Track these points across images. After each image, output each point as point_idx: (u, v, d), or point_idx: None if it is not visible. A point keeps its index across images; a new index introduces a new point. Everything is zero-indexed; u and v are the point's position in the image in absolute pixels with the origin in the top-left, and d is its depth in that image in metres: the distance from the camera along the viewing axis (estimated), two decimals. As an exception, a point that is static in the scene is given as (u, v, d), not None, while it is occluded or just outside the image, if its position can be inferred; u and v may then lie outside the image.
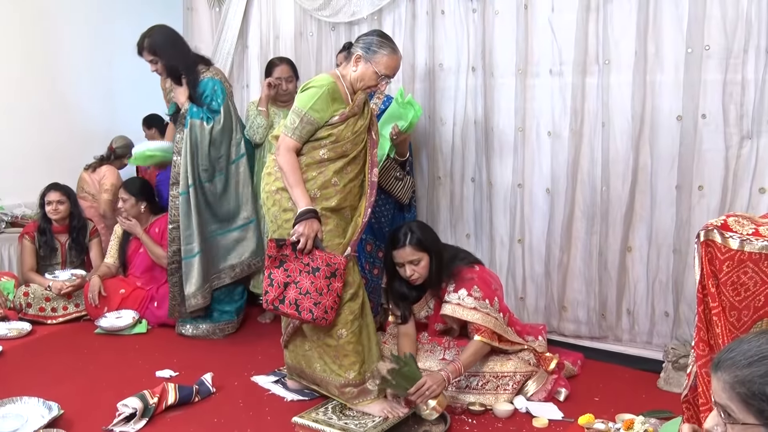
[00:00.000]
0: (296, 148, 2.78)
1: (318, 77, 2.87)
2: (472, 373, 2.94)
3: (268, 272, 2.75)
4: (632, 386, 3.14)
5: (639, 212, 3.36)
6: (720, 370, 1.32)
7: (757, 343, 1.30)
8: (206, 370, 3.12)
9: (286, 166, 2.75)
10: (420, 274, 2.98)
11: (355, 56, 2.82)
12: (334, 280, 2.73)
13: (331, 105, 2.78)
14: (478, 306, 2.89)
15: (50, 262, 4.33)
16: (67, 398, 2.85)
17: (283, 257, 2.74)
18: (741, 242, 1.99)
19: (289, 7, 4.48)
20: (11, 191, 4.83)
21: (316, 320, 2.71)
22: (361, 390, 2.81)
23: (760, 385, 1.24)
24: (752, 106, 2.98)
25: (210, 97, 3.69)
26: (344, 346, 2.81)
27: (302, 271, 2.72)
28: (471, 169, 3.88)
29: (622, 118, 3.31)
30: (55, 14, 5.15)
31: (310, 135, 2.78)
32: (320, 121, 2.76)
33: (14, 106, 4.92)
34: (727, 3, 2.98)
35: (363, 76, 2.83)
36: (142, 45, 3.68)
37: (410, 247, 2.94)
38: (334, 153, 2.80)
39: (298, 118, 2.75)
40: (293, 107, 2.80)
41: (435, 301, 3.10)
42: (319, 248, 2.74)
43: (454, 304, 2.92)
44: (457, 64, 3.82)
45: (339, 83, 2.83)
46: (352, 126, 2.83)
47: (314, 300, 2.70)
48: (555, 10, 3.43)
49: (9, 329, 3.76)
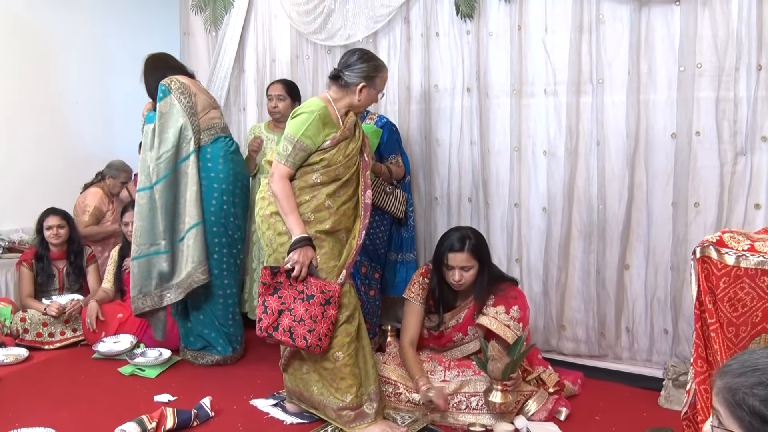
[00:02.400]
0: (290, 175, 2.79)
1: (308, 102, 2.90)
2: (472, 393, 2.94)
3: (262, 299, 2.76)
4: (633, 404, 3.13)
5: (636, 230, 3.37)
6: (717, 376, 1.34)
7: (757, 356, 1.31)
8: (205, 394, 3.10)
9: (281, 194, 2.77)
10: (467, 281, 3.04)
11: (360, 87, 2.86)
12: (329, 308, 2.73)
13: (323, 130, 2.80)
14: (511, 325, 2.99)
15: (48, 288, 4.30)
16: (65, 424, 2.84)
17: (278, 284, 2.75)
18: (737, 258, 2.00)
19: (285, 31, 4.52)
20: (8, 216, 4.83)
21: (310, 347, 2.71)
22: (358, 413, 2.79)
23: (743, 395, 1.25)
24: (745, 123, 3.01)
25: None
26: (341, 369, 2.79)
27: (296, 298, 2.73)
28: (468, 189, 3.89)
29: (616, 136, 3.34)
30: (53, 39, 5.19)
31: (303, 161, 2.80)
32: (312, 146, 2.78)
33: (11, 130, 4.93)
34: (717, 22, 3.02)
35: (368, 101, 2.93)
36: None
37: (467, 254, 3.01)
38: (326, 177, 2.81)
39: (291, 145, 2.77)
40: (285, 134, 2.82)
41: (466, 312, 3.14)
42: (313, 275, 2.75)
43: (491, 317, 3.01)
44: (453, 85, 3.85)
45: (330, 107, 2.85)
46: (343, 149, 2.84)
47: (308, 327, 2.70)
48: (548, 31, 3.47)
49: (6, 355, 3.74)
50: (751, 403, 1.24)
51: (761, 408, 1.22)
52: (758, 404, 1.23)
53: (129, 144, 5.29)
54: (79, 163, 5.23)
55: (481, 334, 3.12)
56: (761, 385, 1.24)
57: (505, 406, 2.80)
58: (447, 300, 3.17)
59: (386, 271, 3.88)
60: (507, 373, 2.78)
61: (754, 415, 1.23)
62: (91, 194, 4.80)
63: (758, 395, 1.23)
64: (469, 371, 3.04)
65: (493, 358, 2.80)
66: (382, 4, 3.95)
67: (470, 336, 3.17)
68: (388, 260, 3.89)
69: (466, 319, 3.16)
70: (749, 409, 1.24)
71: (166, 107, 3.61)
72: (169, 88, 3.62)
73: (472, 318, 3.14)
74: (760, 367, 1.27)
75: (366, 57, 2.92)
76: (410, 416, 2.89)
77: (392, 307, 4.23)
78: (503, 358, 2.80)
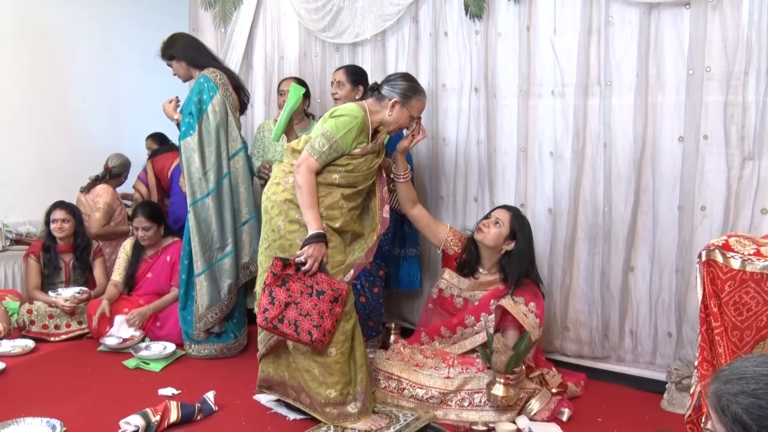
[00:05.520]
0: (317, 170, 2.81)
1: (350, 107, 2.91)
2: (475, 390, 2.95)
3: (269, 290, 2.75)
4: (635, 407, 3.14)
5: (641, 233, 3.37)
6: (710, 381, 1.36)
7: (748, 363, 1.32)
8: (209, 388, 3.12)
9: (306, 186, 2.77)
10: (489, 235, 3.19)
11: (392, 102, 2.89)
12: (336, 305, 2.75)
13: (359, 137, 2.84)
14: (529, 316, 3.08)
15: (54, 281, 4.32)
16: (69, 416, 2.85)
17: (287, 276, 2.75)
18: (743, 262, 2.01)
19: (293, 29, 4.53)
20: (16, 209, 4.86)
21: (314, 342, 2.72)
22: (341, 412, 2.80)
23: (727, 401, 1.27)
24: (753, 128, 3.00)
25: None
26: (331, 365, 2.80)
27: (304, 292, 2.74)
28: (474, 189, 3.89)
29: (624, 139, 3.34)
30: (61, 34, 5.21)
31: (332, 161, 2.82)
32: (345, 150, 2.82)
33: (19, 124, 4.96)
34: (727, 25, 3.01)
35: (398, 120, 2.94)
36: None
37: (509, 213, 3.20)
38: (345, 181, 2.85)
39: (328, 143, 2.79)
40: (324, 130, 2.82)
41: (485, 294, 3.21)
42: (323, 272, 2.76)
43: (512, 302, 3.09)
44: (460, 85, 3.85)
45: (366, 117, 2.88)
46: (368, 162, 2.90)
47: (315, 322, 2.71)
48: (557, 32, 3.47)
49: (12, 346, 3.76)
50: (734, 410, 1.25)
51: (743, 416, 1.24)
52: (740, 412, 1.24)
53: (136, 137, 5.32)
54: (87, 157, 5.25)
55: (491, 324, 3.13)
56: (744, 393, 1.25)
57: (506, 399, 2.82)
58: (472, 256, 3.28)
59: (389, 266, 3.90)
60: (510, 366, 2.80)
61: (736, 423, 1.25)
62: (104, 191, 4.80)
63: (741, 403, 1.25)
64: (473, 368, 3.06)
65: (498, 350, 2.81)
66: (391, 3, 3.95)
67: (481, 323, 3.18)
68: (392, 255, 3.90)
69: (483, 302, 3.19)
70: (732, 416, 1.25)
71: (218, 105, 3.71)
72: (215, 84, 3.70)
73: (488, 303, 3.17)
74: (746, 375, 1.28)
75: (408, 78, 3.02)
76: (413, 413, 2.90)
77: (395, 304, 4.24)
78: (507, 352, 2.81)
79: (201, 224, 3.67)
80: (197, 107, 3.66)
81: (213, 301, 3.71)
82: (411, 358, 3.20)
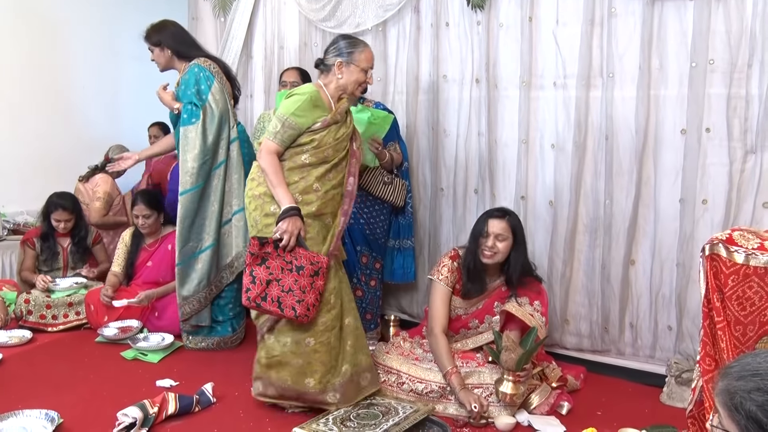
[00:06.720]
0: (277, 152, 2.85)
1: (301, 87, 3.00)
2: (476, 384, 2.94)
3: (250, 269, 2.78)
4: (635, 400, 3.13)
5: (642, 226, 3.35)
6: (719, 376, 1.34)
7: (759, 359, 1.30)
8: (207, 380, 3.11)
9: (269, 168, 2.82)
10: (500, 252, 3.08)
11: (336, 63, 2.91)
12: (317, 279, 2.78)
13: (313, 111, 2.86)
14: (535, 315, 3.05)
15: (52, 267, 4.34)
16: (66, 407, 2.84)
17: (266, 255, 2.77)
18: (746, 256, 1.99)
19: (293, 18, 4.50)
20: (14, 199, 4.84)
21: (299, 317, 2.75)
22: (320, 401, 2.85)
23: (741, 399, 1.26)
24: (756, 121, 2.98)
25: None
26: (310, 354, 2.84)
27: (284, 268, 2.76)
28: (474, 181, 3.88)
29: (625, 131, 3.32)
30: (60, 24, 5.18)
31: (292, 140, 2.86)
32: (302, 126, 2.84)
33: (18, 114, 4.93)
34: (731, 17, 2.99)
35: (351, 79, 2.93)
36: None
37: (507, 223, 3.10)
38: (315, 158, 2.86)
39: (280, 123, 2.84)
40: (276, 113, 2.89)
41: (487, 300, 3.17)
42: (302, 246, 2.77)
43: (517, 304, 3.07)
44: (461, 76, 3.83)
45: (322, 92, 2.92)
46: (334, 132, 2.90)
47: (297, 297, 2.74)
48: (559, 24, 3.44)
49: (9, 337, 3.75)
50: (748, 407, 1.24)
51: (758, 413, 1.23)
52: (755, 409, 1.23)
53: (135, 127, 5.30)
54: (85, 147, 5.24)
55: (496, 325, 3.13)
56: (759, 390, 1.24)
57: (516, 397, 2.82)
58: (478, 278, 3.16)
59: (384, 258, 3.89)
60: (521, 363, 2.79)
61: (750, 420, 1.24)
62: (103, 181, 4.80)
63: (756, 400, 1.23)
64: (473, 363, 3.06)
65: (507, 348, 2.81)
66: (392, -7, 3.92)
67: (485, 325, 3.18)
68: (386, 247, 3.89)
69: (486, 306, 3.19)
70: (746, 414, 1.24)
71: (218, 93, 3.66)
72: (211, 72, 3.67)
73: (492, 306, 3.17)
74: (760, 372, 1.27)
75: (343, 36, 3.04)
76: (411, 406, 2.89)
77: (393, 297, 4.23)
78: (517, 349, 2.81)
79: (186, 216, 3.65)
80: (197, 97, 3.62)
81: (190, 292, 3.70)
82: (411, 352, 3.21)
